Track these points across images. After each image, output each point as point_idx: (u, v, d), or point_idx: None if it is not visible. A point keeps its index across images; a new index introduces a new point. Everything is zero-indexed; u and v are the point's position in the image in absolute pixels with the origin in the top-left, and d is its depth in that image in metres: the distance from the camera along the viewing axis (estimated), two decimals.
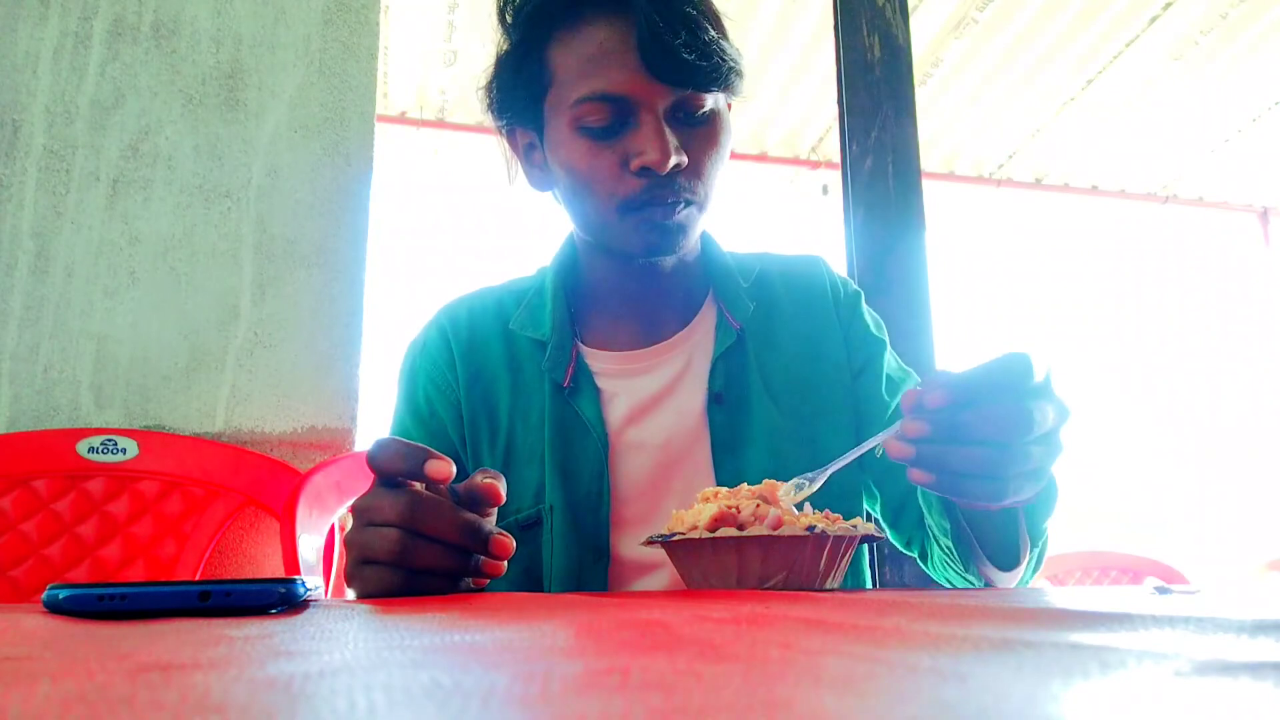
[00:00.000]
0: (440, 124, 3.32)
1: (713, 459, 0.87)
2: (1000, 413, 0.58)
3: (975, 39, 2.94)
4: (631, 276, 0.92)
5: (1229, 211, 4.07)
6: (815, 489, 0.67)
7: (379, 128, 1.67)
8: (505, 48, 0.89)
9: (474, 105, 3.29)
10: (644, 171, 0.80)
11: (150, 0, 1.59)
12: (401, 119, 3.28)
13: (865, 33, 1.75)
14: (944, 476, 0.60)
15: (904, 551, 0.95)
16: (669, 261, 0.91)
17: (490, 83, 0.91)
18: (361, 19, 1.67)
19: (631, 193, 0.81)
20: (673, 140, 0.79)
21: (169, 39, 1.59)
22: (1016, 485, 0.61)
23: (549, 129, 0.86)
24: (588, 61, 0.81)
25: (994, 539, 0.75)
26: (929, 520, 0.83)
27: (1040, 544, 0.79)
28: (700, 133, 0.83)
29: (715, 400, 0.89)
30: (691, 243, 0.87)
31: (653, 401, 0.90)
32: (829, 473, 0.68)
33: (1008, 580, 0.78)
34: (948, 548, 0.81)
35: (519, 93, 0.87)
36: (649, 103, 0.80)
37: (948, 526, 0.79)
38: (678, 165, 0.80)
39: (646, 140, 0.79)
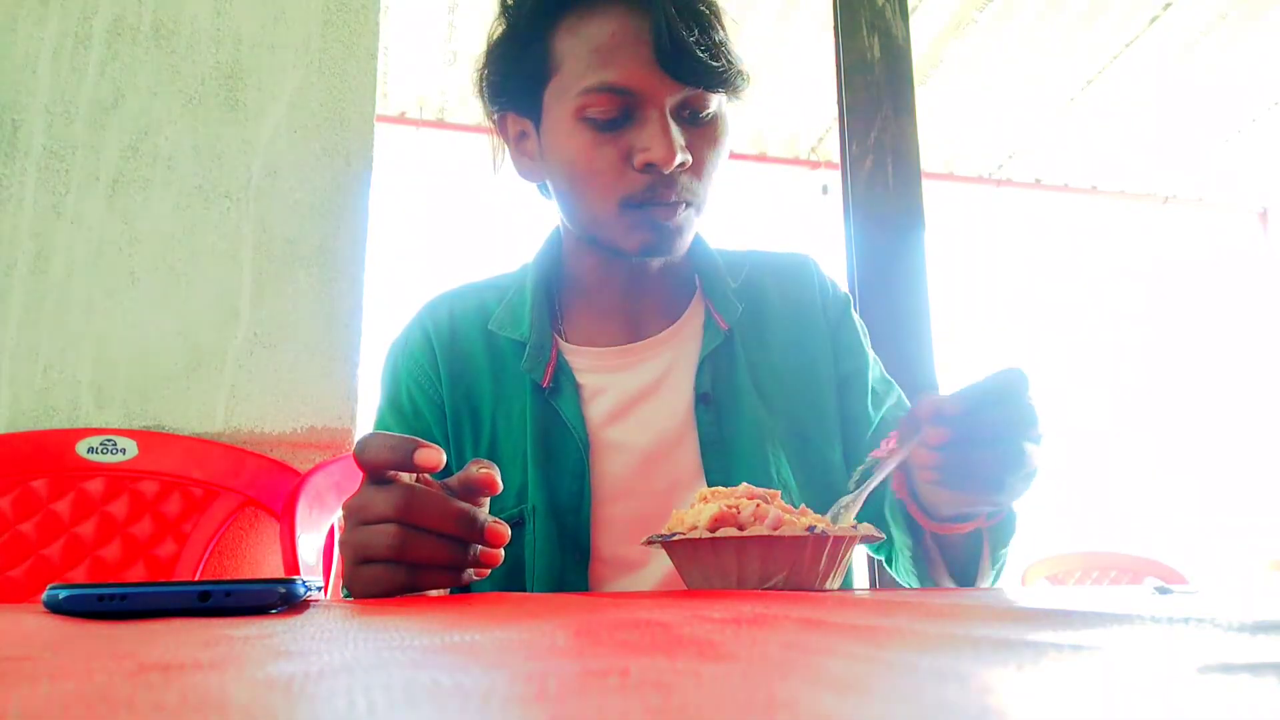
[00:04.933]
0: (440, 124, 3.32)
1: (701, 459, 0.86)
2: (1009, 414, 0.63)
3: (975, 39, 2.94)
4: (617, 271, 0.91)
5: (1229, 211, 4.07)
6: (856, 510, 0.67)
7: (379, 128, 1.67)
8: (504, 31, 0.87)
9: (474, 105, 3.30)
10: (648, 168, 0.79)
11: (150, 0, 1.59)
12: (401, 119, 3.28)
13: (865, 33, 1.75)
14: (958, 477, 0.65)
15: (872, 555, 0.97)
16: (657, 260, 0.90)
17: (485, 66, 0.89)
18: (361, 19, 1.67)
19: (633, 189, 0.80)
20: (679, 139, 0.79)
21: (169, 39, 1.59)
22: (1012, 487, 0.65)
23: (548, 118, 0.84)
24: (597, 51, 0.79)
25: (957, 559, 0.78)
26: (895, 534, 0.85)
27: (998, 567, 0.81)
28: (703, 133, 0.83)
29: (702, 400, 0.88)
30: (686, 245, 0.87)
31: (636, 399, 0.88)
32: (866, 494, 0.68)
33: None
34: (908, 561, 0.84)
35: (517, 79, 0.85)
36: (657, 98, 0.79)
37: (910, 544, 0.82)
38: (681, 164, 0.79)
39: (652, 137, 0.78)
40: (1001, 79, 3.15)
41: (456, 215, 3.43)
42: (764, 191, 3.63)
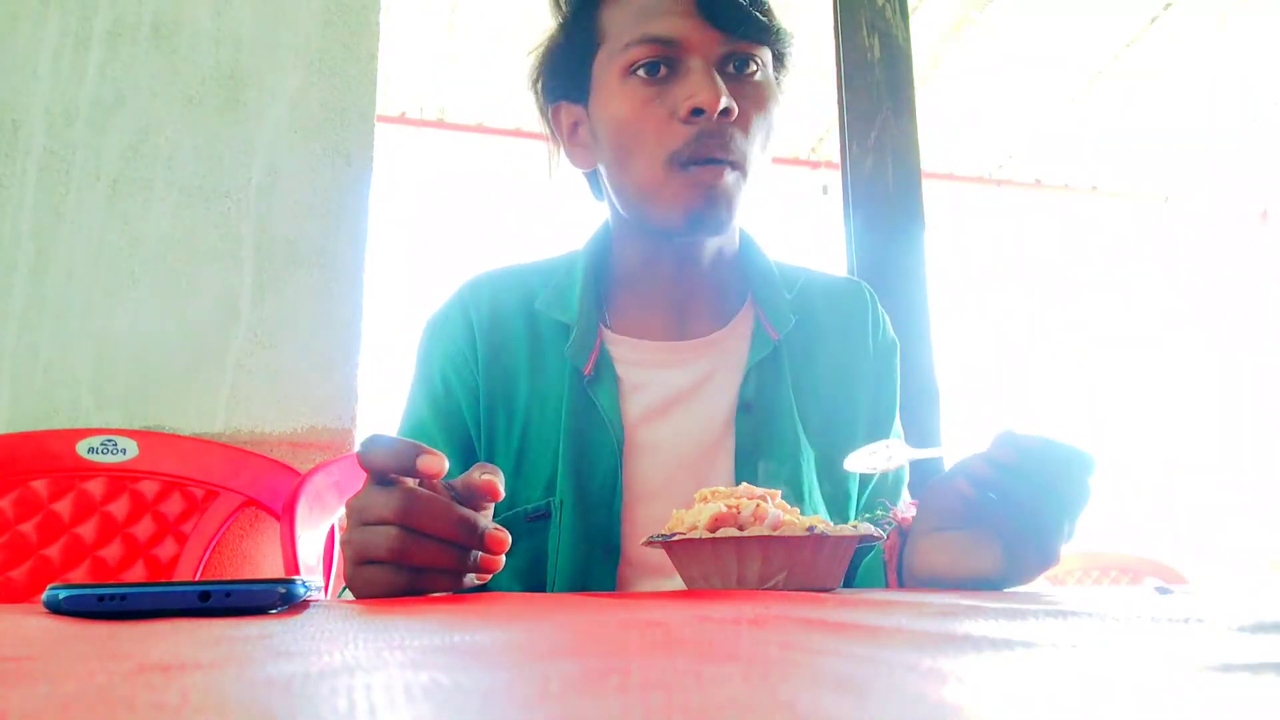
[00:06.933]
0: (440, 124, 3.32)
1: (735, 469, 0.85)
2: (1065, 479, 0.63)
3: (975, 39, 2.95)
4: (667, 261, 0.90)
5: (1229, 211, 4.07)
6: (891, 467, 0.70)
7: (379, 128, 1.67)
8: (556, 26, 0.91)
9: (474, 105, 3.30)
10: (694, 116, 0.79)
11: (150, 0, 1.59)
12: (401, 119, 3.28)
13: (865, 33, 1.75)
14: (997, 511, 0.64)
15: None
16: (709, 248, 0.90)
17: (540, 65, 0.93)
18: (361, 19, 1.67)
19: (680, 142, 0.80)
20: (723, 86, 0.80)
21: (169, 39, 1.59)
22: (1040, 556, 0.65)
23: (597, 90, 0.86)
24: (641, 10, 0.83)
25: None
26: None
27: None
28: (750, 92, 0.83)
29: (745, 409, 0.87)
30: (734, 217, 0.85)
31: (675, 400, 0.87)
32: (912, 456, 0.70)
33: None
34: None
35: (568, 61, 0.89)
36: (701, 49, 0.81)
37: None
38: (727, 110, 0.79)
39: (696, 84, 0.79)
40: (1001, 79, 3.15)
41: (457, 215, 3.43)
42: (764, 191, 3.63)
